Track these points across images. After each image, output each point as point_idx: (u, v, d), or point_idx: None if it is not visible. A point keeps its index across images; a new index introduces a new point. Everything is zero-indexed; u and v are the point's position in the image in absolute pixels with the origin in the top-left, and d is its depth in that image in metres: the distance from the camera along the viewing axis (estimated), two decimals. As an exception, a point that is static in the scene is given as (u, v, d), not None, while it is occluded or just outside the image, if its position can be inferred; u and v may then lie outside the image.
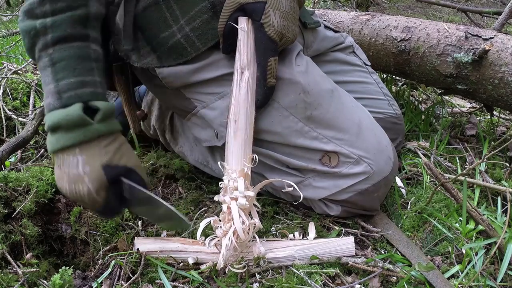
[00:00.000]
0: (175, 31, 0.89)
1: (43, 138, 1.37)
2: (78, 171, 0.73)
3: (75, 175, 0.73)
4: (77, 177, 0.73)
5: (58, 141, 0.73)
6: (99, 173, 0.73)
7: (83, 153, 0.73)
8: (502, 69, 1.10)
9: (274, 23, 0.84)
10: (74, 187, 0.73)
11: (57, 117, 0.72)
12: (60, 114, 0.72)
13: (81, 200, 0.76)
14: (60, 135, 0.72)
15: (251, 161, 0.83)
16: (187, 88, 0.94)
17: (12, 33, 3.28)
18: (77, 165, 0.73)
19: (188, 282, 0.79)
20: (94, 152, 0.74)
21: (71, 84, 0.73)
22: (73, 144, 0.72)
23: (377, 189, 0.91)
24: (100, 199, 0.75)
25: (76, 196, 0.75)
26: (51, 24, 0.72)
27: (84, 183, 0.73)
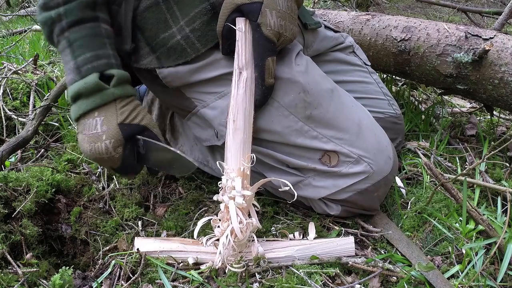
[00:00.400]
0: (175, 32, 0.89)
1: (43, 138, 1.37)
2: (96, 131, 0.82)
3: (94, 135, 0.82)
4: (96, 137, 0.82)
5: (80, 108, 0.82)
6: (115, 130, 0.82)
7: (101, 115, 0.82)
8: (502, 69, 1.10)
9: (271, 23, 0.84)
10: (94, 146, 0.82)
11: (77, 87, 0.81)
12: (79, 84, 0.81)
13: (100, 159, 0.84)
14: (81, 102, 0.82)
15: (250, 161, 0.83)
16: (187, 87, 0.94)
17: (12, 33, 3.28)
18: (95, 126, 0.82)
19: (188, 282, 0.79)
20: (111, 113, 0.83)
21: (87, 59, 0.82)
22: (92, 108, 0.82)
23: (377, 188, 0.91)
24: (117, 155, 0.84)
25: (96, 155, 0.83)
26: (64, 12, 0.81)
27: (102, 141, 0.82)
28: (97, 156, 0.83)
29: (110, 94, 0.83)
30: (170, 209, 1.04)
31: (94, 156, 0.84)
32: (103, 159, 0.84)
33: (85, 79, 0.81)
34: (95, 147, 0.82)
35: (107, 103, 0.83)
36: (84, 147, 0.84)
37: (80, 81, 0.81)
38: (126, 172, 0.89)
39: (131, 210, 1.00)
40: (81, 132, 0.84)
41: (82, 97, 0.82)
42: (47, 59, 2.27)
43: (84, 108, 0.82)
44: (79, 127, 0.85)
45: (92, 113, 0.82)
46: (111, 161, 0.85)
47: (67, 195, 1.03)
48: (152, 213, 1.04)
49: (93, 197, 1.04)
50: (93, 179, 1.10)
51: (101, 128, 0.82)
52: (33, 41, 2.91)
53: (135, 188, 1.10)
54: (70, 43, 0.82)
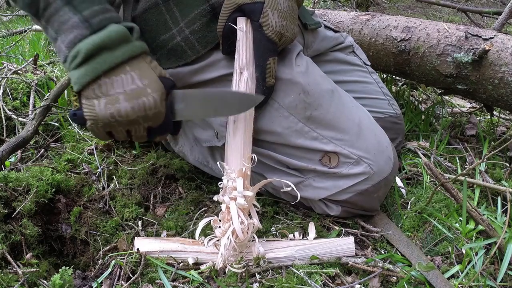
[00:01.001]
0: (175, 33, 0.89)
1: (43, 138, 1.37)
2: (138, 85, 0.73)
3: (135, 90, 0.73)
4: (139, 91, 0.73)
5: (103, 63, 0.71)
6: (158, 83, 0.75)
7: (135, 69, 0.73)
8: (502, 69, 1.10)
9: (272, 23, 0.84)
10: (137, 102, 0.73)
11: (98, 39, 0.70)
12: (100, 35, 0.70)
13: (144, 116, 0.75)
14: (105, 56, 0.71)
15: (251, 161, 0.83)
16: (187, 88, 0.94)
17: (12, 33, 3.28)
18: (133, 80, 0.73)
19: (188, 282, 0.79)
20: (145, 67, 0.75)
21: (96, 11, 0.72)
22: (123, 61, 0.72)
23: (377, 189, 0.91)
24: (163, 109, 0.76)
25: (140, 112, 0.74)
26: None
27: (148, 95, 0.73)
28: (141, 114, 0.74)
29: (139, 47, 0.74)
30: (170, 209, 1.04)
31: (137, 115, 0.74)
32: (147, 116, 0.75)
33: (109, 29, 0.71)
34: (140, 103, 0.73)
35: (136, 56, 0.74)
36: (116, 109, 0.72)
37: (100, 32, 0.70)
38: (165, 129, 0.81)
39: (131, 210, 1.00)
40: (103, 95, 0.72)
41: (106, 50, 0.71)
42: (47, 59, 2.27)
43: (112, 62, 0.71)
44: (96, 90, 0.72)
45: (123, 67, 0.72)
46: (156, 117, 0.76)
47: (67, 195, 1.03)
48: (152, 213, 1.04)
49: (93, 197, 1.04)
50: (93, 179, 1.10)
51: (141, 82, 0.73)
52: (33, 41, 2.91)
53: (135, 188, 1.10)
54: (68, 1, 0.71)
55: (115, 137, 0.79)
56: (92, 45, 0.70)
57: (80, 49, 0.70)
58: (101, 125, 0.75)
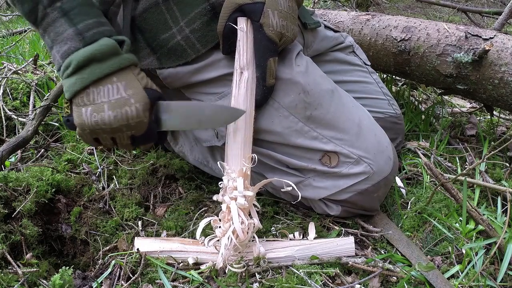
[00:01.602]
0: (175, 32, 0.89)
1: (43, 138, 1.37)
2: (122, 95, 0.76)
3: (119, 100, 0.76)
4: (122, 101, 0.76)
5: (92, 74, 0.75)
6: (143, 93, 0.78)
7: (121, 80, 0.77)
8: (502, 69, 1.10)
9: (273, 23, 0.84)
10: (120, 111, 0.76)
11: (88, 51, 0.74)
12: (90, 49, 0.75)
13: (127, 125, 0.78)
14: (94, 67, 0.75)
15: (251, 161, 0.83)
16: (187, 88, 0.94)
17: (12, 33, 3.28)
18: (118, 91, 0.76)
19: (188, 282, 0.79)
20: (131, 78, 0.78)
21: (90, 24, 0.76)
22: (110, 72, 0.76)
23: (377, 189, 0.91)
24: (146, 119, 0.79)
25: (122, 121, 0.77)
26: None
27: (131, 105, 0.76)
28: (124, 123, 0.77)
29: (127, 59, 0.78)
30: (170, 209, 1.04)
31: (119, 124, 0.77)
32: (130, 125, 0.78)
33: (98, 44, 0.75)
34: (123, 112, 0.76)
35: (124, 68, 0.78)
36: (101, 117, 0.76)
37: (91, 45, 0.75)
38: (148, 139, 0.83)
39: (131, 210, 1.00)
40: (91, 103, 0.76)
41: (95, 61, 0.75)
42: (47, 59, 2.27)
43: (100, 73, 0.75)
44: (85, 98, 0.76)
45: (110, 78, 0.76)
46: (138, 126, 0.79)
47: (67, 195, 1.03)
48: (152, 213, 1.04)
49: (93, 197, 1.04)
50: (93, 179, 1.10)
51: (125, 92, 0.76)
52: (33, 41, 2.91)
53: (135, 188, 1.10)
54: (65, 12, 0.75)
55: (102, 143, 0.83)
56: (83, 57, 0.74)
57: (72, 60, 0.75)
58: (88, 131, 0.79)
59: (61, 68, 0.77)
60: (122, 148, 0.85)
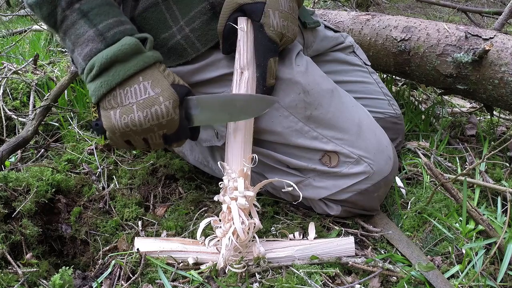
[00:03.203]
0: (175, 32, 0.89)
1: (43, 138, 1.37)
2: (149, 94, 0.75)
3: (147, 99, 0.75)
4: (151, 100, 0.75)
5: (117, 75, 0.74)
6: (171, 90, 0.76)
7: (147, 78, 0.76)
8: (502, 69, 1.10)
9: (274, 23, 0.84)
10: (150, 111, 0.75)
11: (110, 52, 0.73)
12: (112, 49, 0.73)
13: (158, 124, 0.77)
14: (118, 68, 0.74)
15: (251, 161, 0.83)
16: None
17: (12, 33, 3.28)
18: (145, 90, 0.75)
19: (188, 282, 0.79)
20: (157, 76, 0.77)
21: (111, 24, 0.75)
22: (135, 72, 0.75)
23: (377, 189, 0.91)
24: (177, 117, 0.77)
25: (153, 121, 0.76)
26: None
27: (160, 104, 0.75)
28: (154, 122, 0.76)
29: (151, 57, 0.77)
30: (170, 209, 1.04)
31: (149, 124, 0.76)
32: (161, 124, 0.76)
33: (121, 42, 0.74)
34: (152, 112, 0.75)
35: (149, 66, 0.77)
36: (131, 119, 0.75)
37: (112, 46, 0.74)
38: (180, 136, 0.82)
39: (131, 210, 1.00)
40: (119, 105, 0.75)
41: (118, 62, 0.74)
42: (47, 59, 2.27)
43: (124, 74, 0.74)
44: (112, 100, 0.75)
45: (135, 78, 0.75)
46: (170, 124, 0.77)
47: (67, 195, 1.03)
48: (152, 213, 1.04)
49: (93, 197, 1.04)
50: (93, 179, 1.10)
51: (153, 90, 0.75)
52: (33, 41, 2.91)
53: (135, 188, 1.10)
54: (84, 13, 0.74)
55: (134, 145, 0.81)
56: (105, 59, 0.73)
57: (95, 63, 0.74)
58: (119, 134, 0.78)
59: (85, 71, 0.76)
60: (155, 148, 0.84)
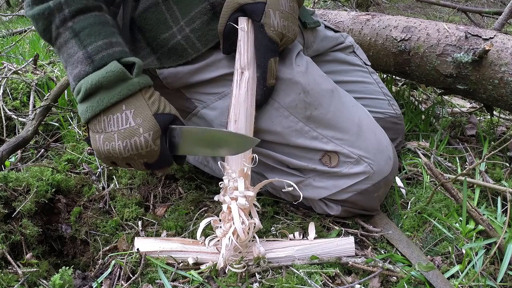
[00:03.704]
0: (175, 32, 0.89)
1: (43, 138, 1.37)
2: (130, 124, 0.75)
3: (128, 130, 0.75)
4: (131, 131, 0.75)
5: (101, 102, 0.74)
6: (152, 121, 0.75)
7: (130, 107, 0.75)
8: (502, 69, 1.10)
9: (274, 23, 0.84)
10: (129, 142, 0.75)
11: (95, 78, 0.73)
12: (98, 75, 0.73)
13: (138, 154, 0.76)
14: (102, 95, 0.73)
15: (251, 161, 0.83)
16: (187, 88, 0.94)
17: (12, 33, 3.28)
18: (127, 120, 0.75)
19: (188, 282, 0.79)
20: (141, 104, 0.76)
21: (100, 47, 0.75)
22: (118, 100, 0.74)
23: (377, 189, 0.91)
24: (156, 148, 0.77)
25: (132, 151, 0.76)
26: (65, 0, 0.75)
27: (140, 135, 0.75)
28: (133, 152, 0.76)
29: (136, 84, 0.75)
30: (170, 209, 1.04)
31: (129, 153, 0.76)
32: (140, 154, 0.76)
33: (106, 68, 0.73)
34: (132, 143, 0.75)
35: (134, 94, 0.75)
36: (111, 146, 0.75)
37: (98, 71, 0.73)
38: (162, 165, 0.81)
39: (131, 210, 1.00)
40: (103, 131, 0.75)
41: (103, 89, 0.73)
42: (47, 59, 2.27)
43: (108, 102, 0.73)
44: (95, 126, 0.76)
45: (119, 106, 0.74)
46: (149, 155, 0.77)
47: (67, 195, 1.03)
48: (152, 213, 1.03)
49: (93, 197, 1.04)
50: (93, 179, 1.10)
51: (134, 121, 0.74)
52: (33, 41, 2.91)
53: (135, 188, 1.10)
54: (76, 33, 0.74)
55: (118, 165, 0.82)
56: (91, 84, 0.73)
57: (81, 86, 0.74)
58: (103, 157, 0.79)
59: (74, 91, 0.77)
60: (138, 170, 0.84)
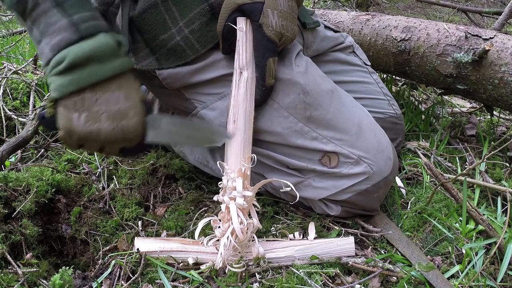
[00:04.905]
0: (174, 33, 0.89)
1: (43, 138, 1.37)
2: (121, 106, 0.69)
3: (119, 110, 0.69)
4: (122, 112, 0.70)
5: (92, 75, 0.66)
6: (139, 107, 0.72)
7: (122, 88, 0.70)
8: (502, 69, 1.10)
9: (272, 23, 0.84)
10: (119, 124, 0.70)
11: (86, 47, 0.66)
12: (89, 44, 0.66)
13: (122, 137, 0.72)
14: (94, 67, 0.66)
15: (250, 161, 0.83)
16: (187, 89, 0.94)
17: (12, 33, 3.28)
18: (118, 99, 0.69)
19: (188, 282, 0.79)
20: (131, 87, 0.71)
21: (86, 17, 0.68)
22: (111, 76, 0.68)
23: (377, 189, 0.91)
24: (140, 133, 0.73)
25: (118, 133, 0.70)
26: None
27: (129, 117, 0.70)
28: (120, 135, 0.71)
29: (127, 63, 0.70)
30: (170, 209, 1.04)
31: (116, 136, 0.71)
32: (125, 138, 0.72)
33: (97, 39, 0.67)
34: (121, 125, 0.70)
35: (124, 74, 0.70)
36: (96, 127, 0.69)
37: (88, 40, 0.66)
38: (138, 151, 0.78)
39: (131, 210, 1.00)
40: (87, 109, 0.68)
41: (95, 61, 0.66)
42: (47, 59, 2.27)
43: (100, 75, 0.67)
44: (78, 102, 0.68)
45: (109, 84, 0.68)
46: (133, 140, 0.73)
47: (67, 195, 1.03)
48: (152, 213, 1.04)
49: (93, 197, 1.04)
50: (93, 179, 1.10)
51: (125, 103, 0.70)
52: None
53: (135, 188, 1.10)
54: (58, 3, 0.67)
55: (86, 149, 0.77)
56: (82, 53, 0.66)
57: (67, 55, 0.66)
58: (76, 138, 0.71)
59: (50, 62, 0.67)
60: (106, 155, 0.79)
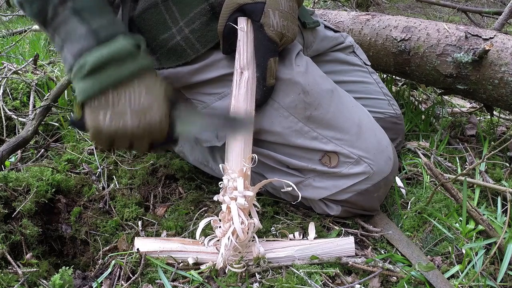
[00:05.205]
0: (175, 33, 0.89)
1: (43, 138, 1.37)
2: (144, 102, 0.72)
3: (142, 106, 0.72)
4: (145, 107, 0.72)
5: (112, 76, 0.70)
6: (163, 101, 0.75)
7: (142, 84, 0.73)
8: (502, 69, 1.10)
9: (273, 23, 0.84)
10: (142, 118, 0.72)
11: (105, 51, 0.69)
12: (108, 48, 0.70)
13: (149, 131, 0.74)
14: (113, 69, 0.70)
15: (251, 161, 0.83)
16: (187, 88, 0.94)
17: (12, 33, 3.28)
18: (140, 96, 0.72)
19: (188, 282, 0.79)
20: (152, 83, 0.74)
21: (104, 24, 0.72)
22: (131, 75, 0.71)
23: (377, 189, 0.91)
24: (166, 126, 0.76)
25: (144, 128, 0.73)
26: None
27: (153, 112, 0.73)
28: (145, 129, 0.73)
29: (146, 63, 0.74)
30: (170, 209, 1.04)
31: (143, 131, 0.73)
32: (152, 133, 0.74)
33: (116, 43, 0.70)
34: (147, 120, 0.72)
35: (144, 72, 0.73)
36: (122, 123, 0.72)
37: (107, 44, 0.70)
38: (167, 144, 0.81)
39: (131, 210, 1.00)
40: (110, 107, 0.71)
41: (113, 63, 0.70)
42: (47, 59, 2.27)
43: (120, 76, 0.70)
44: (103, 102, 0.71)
45: (130, 83, 0.72)
46: (159, 134, 0.76)
47: (67, 195, 1.03)
48: (152, 213, 1.04)
49: (93, 197, 1.04)
50: (93, 179, 1.10)
51: (148, 99, 0.72)
52: (33, 41, 2.91)
53: (135, 188, 1.10)
54: (77, 11, 0.71)
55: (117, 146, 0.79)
56: (100, 58, 0.69)
57: (87, 61, 0.69)
58: (104, 137, 0.75)
59: (74, 68, 0.71)
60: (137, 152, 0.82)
